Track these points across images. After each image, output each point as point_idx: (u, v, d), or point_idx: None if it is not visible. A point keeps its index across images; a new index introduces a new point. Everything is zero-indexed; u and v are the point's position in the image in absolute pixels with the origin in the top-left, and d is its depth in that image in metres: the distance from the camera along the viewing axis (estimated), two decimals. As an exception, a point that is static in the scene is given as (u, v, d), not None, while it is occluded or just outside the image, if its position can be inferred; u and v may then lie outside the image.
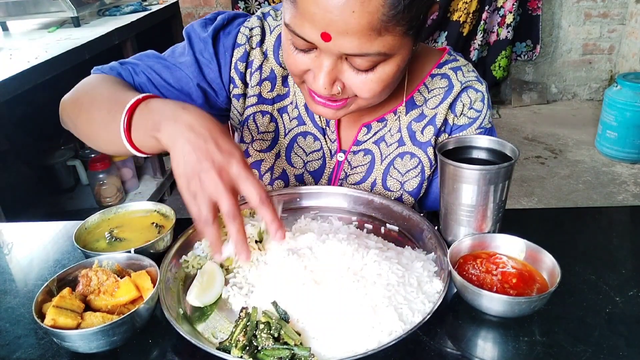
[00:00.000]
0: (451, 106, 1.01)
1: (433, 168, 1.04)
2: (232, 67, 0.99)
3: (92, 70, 1.01)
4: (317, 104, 0.86)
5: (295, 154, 1.05)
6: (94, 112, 0.87)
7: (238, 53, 0.99)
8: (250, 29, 0.99)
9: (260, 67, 1.00)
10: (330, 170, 1.06)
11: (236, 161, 0.70)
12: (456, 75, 1.00)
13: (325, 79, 0.79)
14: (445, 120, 1.01)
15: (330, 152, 1.05)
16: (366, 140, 1.03)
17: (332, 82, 0.80)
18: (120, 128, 0.78)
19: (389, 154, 1.03)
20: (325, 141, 1.04)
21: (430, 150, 1.02)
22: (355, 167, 1.05)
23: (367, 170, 1.05)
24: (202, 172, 0.69)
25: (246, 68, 1.00)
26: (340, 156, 1.05)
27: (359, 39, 0.72)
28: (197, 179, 0.69)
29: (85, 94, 0.93)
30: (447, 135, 1.02)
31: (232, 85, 1.01)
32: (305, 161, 1.06)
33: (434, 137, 1.01)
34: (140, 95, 0.80)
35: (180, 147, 0.71)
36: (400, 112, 1.01)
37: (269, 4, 4.02)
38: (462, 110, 1.01)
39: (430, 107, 1.01)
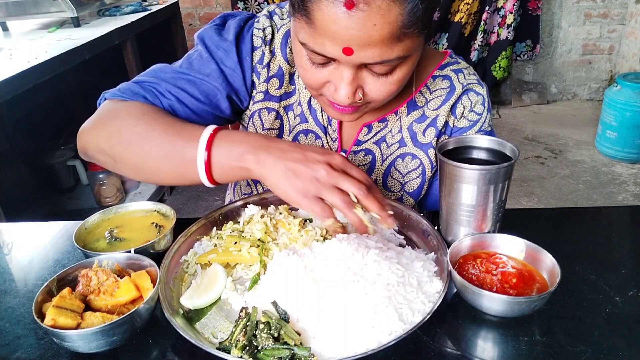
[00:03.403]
0: (452, 108, 1.01)
1: (434, 170, 1.04)
2: (253, 71, 0.99)
3: (105, 95, 0.96)
4: (336, 110, 0.87)
5: None
6: (151, 147, 0.84)
7: (256, 56, 0.98)
8: (263, 30, 0.98)
9: (268, 65, 1.00)
10: None
11: (337, 155, 0.78)
12: (457, 77, 1.00)
13: (348, 89, 0.80)
14: (446, 122, 1.02)
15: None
16: (367, 140, 1.03)
17: (354, 92, 0.81)
18: (200, 162, 0.79)
19: (390, 155, 1.03)
20: (327, 140, 1.04)
21: (431, 152, 1.03)
22: None
23: (368, 171, 1.04)
24: (314, 174, 0.75)
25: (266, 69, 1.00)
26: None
27: (380, 49, 0.73)
28: (314, 183, 0.75)
29: (128, 128, 0.87)
30: (447, 137, 1.02)
31: (253, 89, 1.01)
32: None
33: (435, 138, 1.02)
34: (212, 129, 0.81)
35: (282, 174, 0.76)
36: (401, 113, 1.01)
37: (269, 4, 4.02)
38: (463, 113, 1.01)
39: (431, 108, 1.01)
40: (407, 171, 1.04)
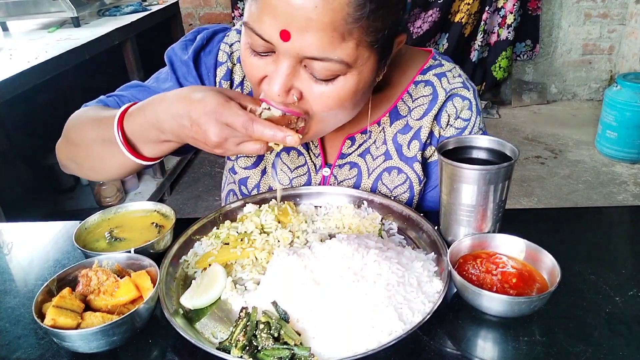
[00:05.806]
0: (436, 117, 0.98)
1: (422, 183, 1.01)
2: (217, 86, 0.98)
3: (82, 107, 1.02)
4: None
5: (281, 170, 1.03)
6: (91, 144, 0.90)
7: (221, 72, 0.98)
8: (230, 45, 0.98)
9: (241, 83, 0.99)
10: (317, 185, 1.04)
11: (206, 103, 0.75)
12: (440, 83, 0.96)
13: (281, 83, 0.74)
14: (431, 133, 0.99)
15: (315, 167, 1.03)
16: (351, 153, 1.01)
17: (287, 89, 0.75)
18: (119, 143, 0.82)
19: (376, 168, 1.01)
20: (310, 156, 1.02)
21: (417, 166, 1.00)
22: (342, 182, 1.03)
23: (355, 184, 1.02)
24: (191, 135, 0.76)
25: (231, 86, 1.00)
26: (326, 171, 1.02)
27: (321, 40, 0.69)
28: (196, 136, 0.76)
29: (74, 132, 0.94)
30: (433, 148, 1.00)
31: None
32: (291, 178, 1.04)
33: (419, 152, 0.99)
34: (122, 108, 0.84)
35: (169, 122, 0.77)
36: (384, 123, 0.99)
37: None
38: (449, 121, 0.98)
39: (414, 117, 0.98)
40: (394, 186, 1.01)
